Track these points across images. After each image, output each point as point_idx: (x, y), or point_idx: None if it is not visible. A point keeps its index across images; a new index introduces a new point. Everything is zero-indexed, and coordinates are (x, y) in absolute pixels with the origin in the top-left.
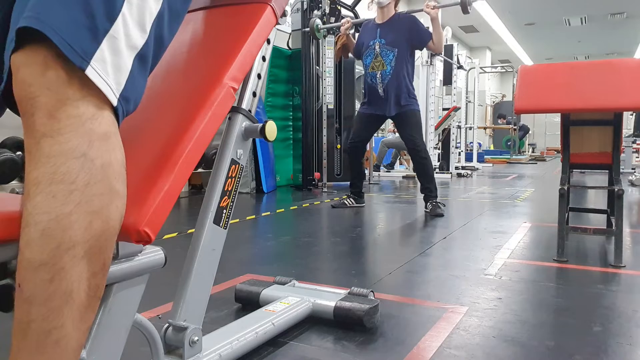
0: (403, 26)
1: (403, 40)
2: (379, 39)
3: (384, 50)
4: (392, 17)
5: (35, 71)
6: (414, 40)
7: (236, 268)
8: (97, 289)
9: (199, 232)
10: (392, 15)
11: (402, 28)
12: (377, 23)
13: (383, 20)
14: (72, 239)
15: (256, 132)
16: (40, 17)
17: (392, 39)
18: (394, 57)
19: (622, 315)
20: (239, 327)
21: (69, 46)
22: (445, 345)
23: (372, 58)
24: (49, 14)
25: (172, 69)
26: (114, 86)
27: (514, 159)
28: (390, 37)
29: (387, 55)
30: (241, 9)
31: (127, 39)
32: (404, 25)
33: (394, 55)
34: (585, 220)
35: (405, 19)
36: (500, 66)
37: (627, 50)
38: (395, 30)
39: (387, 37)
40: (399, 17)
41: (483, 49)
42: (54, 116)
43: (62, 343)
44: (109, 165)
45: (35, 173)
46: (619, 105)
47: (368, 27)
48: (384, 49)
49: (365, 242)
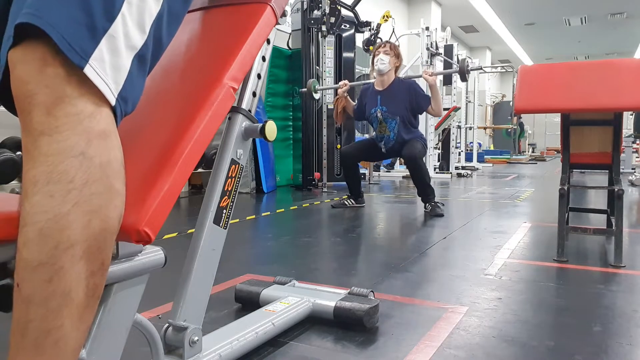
0: (403, 93)
1: (404, 108)
2: (380, 107)
3: (387, 118)
4: (392, 84)
5: (33, 68)
6: (413, 107)
7: (236, 268)
8: (96, 288)
9: (199, 232)
10: (392, 81)
11: (402, 95)
12: (378, 90)
13: (383, 87)
14: (70, 238)
15: (256, 132)
16: (39, 14)
17: (393, 107)
18: (396, 125)
19: (622, 315)
20: (239, 327)
21: (68, 44)
22: (445, 345)
23: (377, 124)
24: (48, 11)
25: (171, 69)
26: (112, 86)
27: (514, 159)
28: (391, 105)
29: (390, 123)
30: (241, 9)
31: (126, 39)
32: (404, 92)
33: (396, 122)
34: (585, 220)
35: (404, 86)
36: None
37: (627, 50)
38: (396, 97)
39: (388, 105)
40: (398, 84)
41: (483, 49)
42: (51, 114)
43: (61, 343)
44: (107, 164)
45: (33, 172)
46: (619, 105)
47: (369, 93)
48: (386, 116)
49: (365, 242)
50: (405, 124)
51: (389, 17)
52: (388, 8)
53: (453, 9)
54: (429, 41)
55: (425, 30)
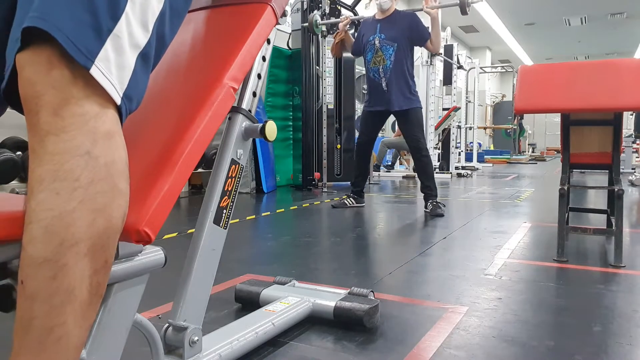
0: (403, 22)
1: (402, 36)
2: (379, 34)
3: (384, 46)
4: (393, 13)
5: (40, 70)
6: (413, 37)
7: (236, 268)
8: (99, 286)
9: (199, 232)
10: (393, 11)
11: (402, 24)
12: (377, 19)
13: (383, 16)
14: (75, 236)
15: (256, 132)
16: (46, 17)
17: (392, 34)
18: (393, 52)
19: (622, 315)
20: (239, 327)
21: (74, 45)
22: (445, 345)
23: (373, 53)
24: (54, 13)
25: (172, 69)
26: (117, 85)
27: (514, 159)
28: (390, 32)
29: (387, 50)
30: (241, 9)
31: (130, 38)
32: (404, 22)
33: (394, 50)
34: (585, 220)
35: (405, 16)
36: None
37: (627, 50)
38: (395, 26)
39: (387, 32)
40: (399, 14)
41: (483, 49)
42: (58, 114)
43: (64, 340)
44: (112, 164)
45: (39, 170)
46: (619, 105)
47: (368, 23)
48: (384, 44)
49: (365, 242)
50: (402, 53)
51: None
52: None
53: (453, 9)
54: None
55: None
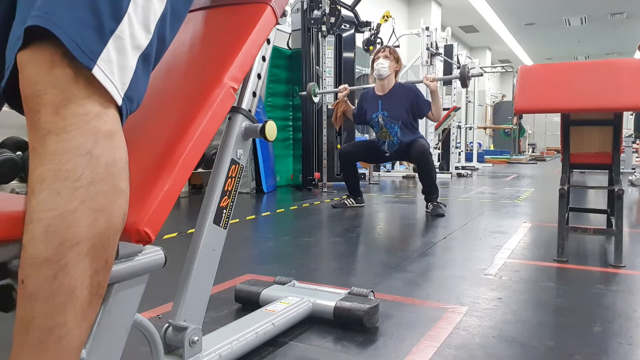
0: (403, 98)
1: (405, 113)
2: (381, 112)
3: (388, 124)
4: (393, 89)
5: (41, 69)
6: (414, 111)
7: (236, 268)
8: (99, 286)
9: (199, 232)
10: (392, 86)
11: (403, 99)
12: (378, 94)
13: (384, 92)
14: (76, 235)
15: (256, 132)
16: (49, 17)
17: (394, 112)
18: (398, 129)
19: (622, 315)
20: (239, 327)
21: (77, 45)
22: (445, 345)
23: (378, 129)
24: (57, 13)
25: (172, 69)
26: (119, 86)
27: (514, 159)
28: (392, 110)
29: (392, 128)
30: (241, 9)
31: (132, 39)
32: (405, 97)
33: (399, 127)
34: (585, 220)
35: (405, 90)
36: (500, 66)
37: (627, 50)
38: (396, 102)
39: (389, 110)
40: (399, 89)
41: (483, 49)
42: (59, 114)
43: (65, 340)
44: (113, 164)
45: (40, 170)
46: (619, 105)
47: (369, 97)
48: (388, 122)
49: (365, 242)
50: (407, 126)
51: (389, 17)
52: (388, 8)
53: (453, 9)
54: (429, 41)
55: (425, 30)
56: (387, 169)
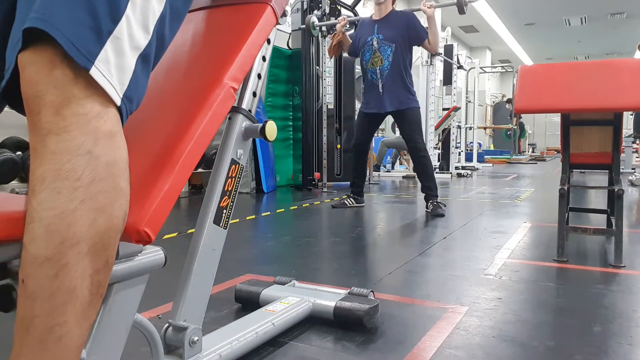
0: (400, 22)
1: (400, 36)
2: (377, 35)
3: (382, 46)
4: (390, 14)
5: (41, 70)
6: (411, 36)
7: (236, 268)
8: (100, 286)
9: (199, 232)
10: (390, 11)
11: (400, 24)
12: (375, 19)
13: (380, 16)
14: (76, 235)
15: (256, 132)
16: (46, 18)
17: (390, 34)
18: (391, 52)
19: (622, 315)
20: (239, 327)
21: (74, 47)
22: (445, 345)
23: (371, 54)
24: (55, 15)
25: (172, 69)
26: (117, 86)
27: (514, 159)
28: (388, 32)
29: (385, 51)
30: (241, 9)
31: (130, 40)
32: (402, 21)
33: (392, 50)
34: (585, 220)
35: (402, 15)
36: (500, 66)
37: (627, 50)
38: (393, 26)
39: (384, 32)
40: (396, 14)
41: (483, 49)
42: (60, 114)
43: (65, 339)
44: (113, 163)
45: (41, 170)
46: (619, 105)
47: (365, 24)
48: (382, 44)
49: (365, 242)
50: (401, 53)
51: None
52: None
53: (453, 9)
54: None
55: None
56: (387, 169)
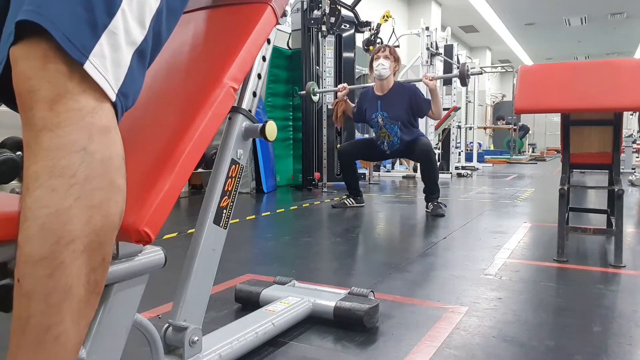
0: (403, 98)
1: (404, 112)
2: (381, 112)
3: (387, 124)
4: (392, 88)
5: (35, 64)
6: (414, 111)
7: (236, 268)
8: (97, 284)
9: (199, 232)
10: (392, 86)
11: (403, 99)
12: (378, 94)
13: (383, 92)
14: (71, 233)
15: (256, 132)
16: (40, 11)
17: (394, 113)
18: (398, 129)
19: (622, 315)
20: (239, 327)
21: (68, 40)
22: (445, 345)
23: (378, 129)
24: (49, 7)
25: (172, 69)
26: (112, 82)
27: (514, 159)
28: (392, 111)
29: (392, 128)
30: (241, 8)
31: (126, 35)
32: (404, 97)
33: (398, 127)
34: (585, 220)
35: (404, 90)
36: (500, 66)
37: (627, 50)
38: (396, 102)
39: (388, 110)
40: (398, 88)
41: (483, 49)
42: (53, 109)
43: (62, 339)
44: (109, 160)
45: (35, 167)
46: (619, 105)
47: (368, 97)
48: (387, 122)
49: (365, 242)
50: (407, 126)
51: (389, 17)
52: (388, 8)
53: (453, 9)
54: (429, 41)
55: (425, 30)
56: (387, 169)
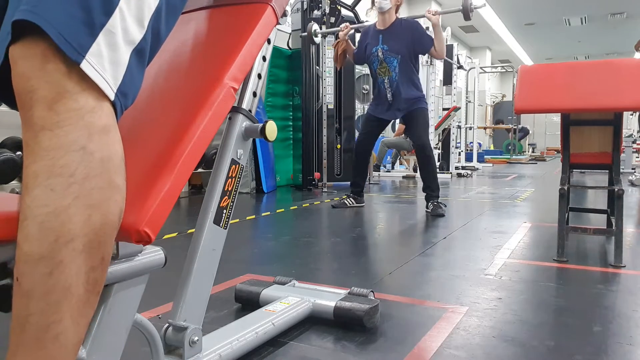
0: (405, 32)
1: (405, 47)
2: (382, 45)
3: (387, 57)
4: (394, 23)
5: (34, 64)
6: (416, 46)
7: (236, 268)
8: (96, 283)
9: (199, 232)
10: (394, 21)
11: (404, 34)
12: (379, 29)
13: (385, 26)
14: (70, 232)
15: (256, 132)
16: (36, 10)
17: (395, 45)
18: (397, 64)
19: (622, 315)
20: (239, 327)
21: (64, 39)
22: (445, 345)
23: (378, 64)
24: (45, 7)
25: (172, 69)
26: (111, 81)
27: (514, 159)
28: (393, 43)
29: (391, 62)
30: (241, 9)
31: (124, 34)
32: (406, 31)
33: (398, 61)
34: (585, 220)
35: (407, 25)
36: (500, 66)
37: (627, 50)
38: (398, 36)
39: (389, 43)
40: (400, 23)
41: (483, 49)
42: (53, 109)
43: (61, 338)
44: (108, 159)
45: (34, 166)
46: (619, 105)
47: (370, 33)
48: (387, 55)
49: (365, 242)
50: (407, 63)
51: None
52: None
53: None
54: None
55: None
56: (387, 169)
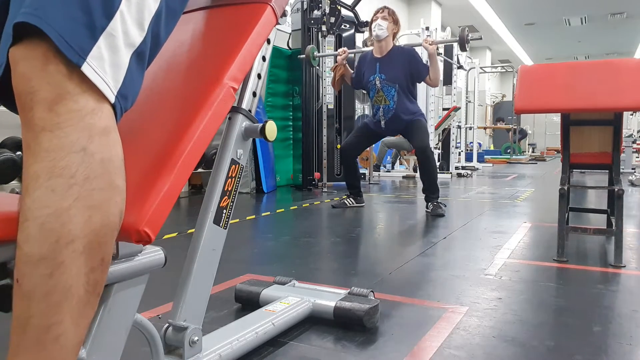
0: (402, 60)
1: (402, 75)
2: (379, 74)
3: (385, 86)
4: (391, 51)
5: (35, 65)
6: (413, 75)
7: (236, 268)
8: (96, 284)
9: (199, 232)
10: (391, 48)
11: (401, 62)
12: (376, 57)
13: (382, 54)
14: (71, 233)
15: (256, 132)
16: (37, 13)
17: (392, 75)
18: (395, 93)
19: (622, 315)
20: (239, 327)
21: (66, 42)
22: (445, 345)
23: (375, 93)
24: (47, 9)
25: (172, 69)
26: (111, 83)
27: (514, 159)
28: (390, 72)
29: (389, 91)
30: (241, 8)
31: (125, 37)
32: (403, 60)
33: (395, 90)
34: (585, 220)
35: (403, 53)
36: (500, 66)
37: (627, 50)
38: (394, 64)
39: (386, 72)
40: (397, 51)
41: (483, 49)
42: (53, 110)
43: (62, 339)
44: (109, 160)
45: (34, 167)
46: (619, 105)
47: (367, 60)
48: (385, 84)
49: (365, 242)
50: (405, 92)
51: None
52: None
53: (453, 9)
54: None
55: (425, 30)
56: (387, 169)
